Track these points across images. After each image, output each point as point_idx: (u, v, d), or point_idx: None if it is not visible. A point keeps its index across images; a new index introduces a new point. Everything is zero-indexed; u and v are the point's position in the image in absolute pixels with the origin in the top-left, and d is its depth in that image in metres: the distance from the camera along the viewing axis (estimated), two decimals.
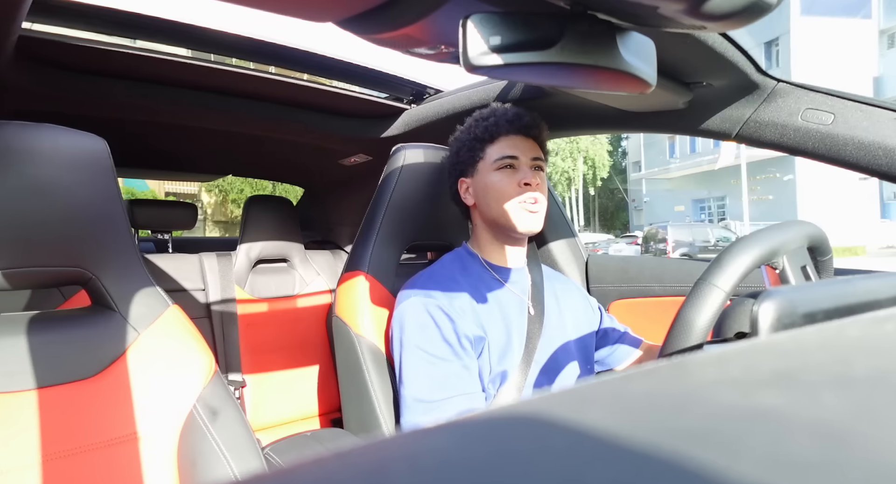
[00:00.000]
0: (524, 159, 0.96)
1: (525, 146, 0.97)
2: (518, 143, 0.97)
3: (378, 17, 0.55)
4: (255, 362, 1.64)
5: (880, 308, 0.36)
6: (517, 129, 0.97)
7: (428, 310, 0.90)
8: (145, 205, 1.79)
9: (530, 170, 0.96)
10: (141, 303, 0.77)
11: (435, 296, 0.92)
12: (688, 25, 0.46)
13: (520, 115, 0.98)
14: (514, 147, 0.96)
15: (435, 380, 0.86)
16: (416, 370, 0.88)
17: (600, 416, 0.15)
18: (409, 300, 0.93)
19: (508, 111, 0.99)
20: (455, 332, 0.88)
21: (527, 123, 0.98)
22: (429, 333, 0.89)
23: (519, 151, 0.96)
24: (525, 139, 0.97)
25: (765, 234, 0.56)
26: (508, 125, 0.97)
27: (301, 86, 1.30)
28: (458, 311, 0.90)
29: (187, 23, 1.05)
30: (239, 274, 1.68)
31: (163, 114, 1.35)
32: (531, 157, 0.97)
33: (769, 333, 0.34)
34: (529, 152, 0.97)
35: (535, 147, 0.99)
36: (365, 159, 1.82)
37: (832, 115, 0.83)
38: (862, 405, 0.15)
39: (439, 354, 0.88)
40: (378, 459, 0.13)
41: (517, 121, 0.97)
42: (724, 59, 0.80)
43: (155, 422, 0.71)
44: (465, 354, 0.88)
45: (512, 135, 0.97)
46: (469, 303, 0.92)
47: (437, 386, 0.86)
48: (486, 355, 0.91)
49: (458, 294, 0.93)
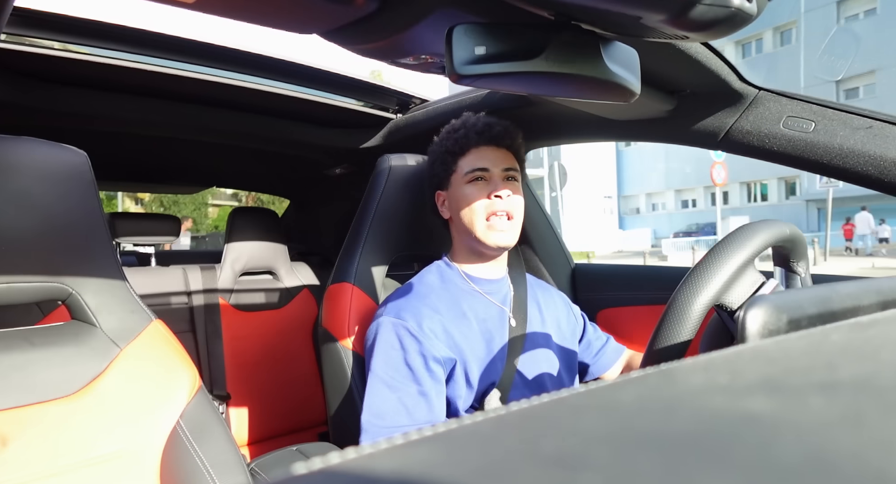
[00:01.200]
0: (495, 171, 0.95)
1: (496, 157, 0.96)
2: (489, 154, 0.96)
3: (362, 28, 0.55)
4: (240, 376, 1.62)
5: (862, 314, 0.36)
6: (487, 140, 0.96)
7: (396, 331, 0.90)
8: (127, 218, 1.76)
9: (502, 181, 0.95)
10: (122, 318, 0.75)
11: (406, 317, 0.91)
12: (670, 35, 0.47)
13: (490, 125, 0.97)
14: (485, 158, 0.95)
15: (388, 405, 0.86)
16: (373, 392, 0.88)
17: (591, 423, 0.15)
18: (381, 319, 0.93)
19: (478, 122, 0.98)
20: (421, 353, 0.88)
21: (497, 133, 0.97)
22: (392, 356, 0.89)
23: (489, 163, 0.95)
24: (497, 149, 0.97)
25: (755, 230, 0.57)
26: (478, 137, 0.96)
27: (284, 96, 1.30)
28: (427, 332, 0.89)
29: (169, 34, 1.04)
30: (224, 286, 1.66)
31: (145, 126, 1.34)
32: (502, 167, 0.95)
33: (756, 339, 0.34)
34: (501, 163, 0.96)
35: (508, 157, 0.98)
36: (350, 169, 1.81)
37: (813, 123, 0.84)
38: (847, 410, 0.15)
39: (397, 378, 0.88)
40: (366, 473, 0.13)
41: (487, 131, 0.96)
42: (706, 67, 0.81)
43: (137, 440, 0.69)
44: (428, 377, 0.88)
45: (483, 146, 0.96)
46: (442, 323, 0.92)
47: (389, 411, 0.86)
48: (461, 374, 0.91)
49: (432, 313, 0.92)
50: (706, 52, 0.80)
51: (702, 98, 0.92)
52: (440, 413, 0.89)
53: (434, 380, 0.88)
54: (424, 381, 0.87)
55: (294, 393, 1.70)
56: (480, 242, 0.95)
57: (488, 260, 1.00)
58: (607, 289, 1.38)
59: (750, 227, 0.59)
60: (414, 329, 0.89)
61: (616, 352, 1.12)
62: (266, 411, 1.64)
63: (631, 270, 1.41)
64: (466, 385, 0.91)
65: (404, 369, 0.88)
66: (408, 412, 0.86)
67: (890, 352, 0.23)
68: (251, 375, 1.64)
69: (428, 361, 0.88)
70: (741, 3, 0.41)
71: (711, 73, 0.83)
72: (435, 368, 0.88)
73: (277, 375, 1.68)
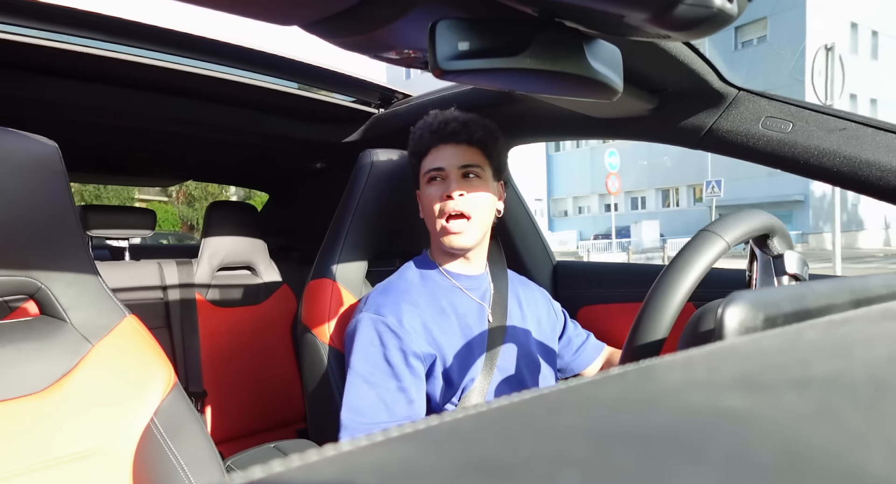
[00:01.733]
0: (451, 169, 0.94)
1: (453, 154, 0.94)
2: (445, 152, 0.95)
3: (345, 20, 0.54)
4: (217, 373, 1.60)
5: (836, 312, 0.37)
6: (441, 139, 0.95)
7: (375, 327, 0.90)
8: (99, 210, 1.72)
9: (458, 179, 0.93)
10: (94, 313, 0.73)
11: (385, 313, 0.91)
12: (653, 34, 0.47)
13: (445, 122, 0.96)
14: (441, 158, 0.95)
15: (367, 401, 0.86)
16: (352, 389, 0.88)
17: (570, 420, 0.15)
18: (361, 315, 0.93)
19: (435, 121, 0.97)
20: (400, 349, 0.88)
21: (451, 130, 0.95)
22: (371, 352, 0.89)
23: (444, 162, 0.94)
24: (455, 147, 0.95)
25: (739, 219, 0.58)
26: (431, 136, 0.96)
27: (264, 88, 1.28)
28: (407, 328, 0.89)
29: (143, 22, 1.02)
30: (200, 281, 1.63)
31: (118, 116, 1.31)
32: (459, 164, 0.94)
33: (733, 336, 0.34)
34: (457, 160, 0.94)
35: (469, 153, 0.95)
36: (331, 164, 1.80)
37: (791, 124, 0.86)
38: (820, 406, 0.15)
39: (378, 374, 0.87)
40: (345, 470, 0.12)
41: (441, 130, 0.95)
42: (688, 67, 0.82)
43: (109, 437, 0.68)
44: (408, 373, 0.88)
45: (440, 145, 0.95)
46: (422, 318, 0.92)
47: (368, 407, 0.86)
48: (441, 370, 0.91)
49: (412, 309, 0.92)
50: (688, 51, 0.81)
51: (683, 97, 0.93)
52: (420, 409, 0.89)
53: (414, 376, 0.88)
54: (404, 377, 0.87)
55: (272, 390, 1.69)
56: (441, 243, 0.95)
57: (455, 258, 1.00)
58: (589, 286, 1.39)
59: (724, 218, 0.59)
60: (394, 325, 0.89)
61: (596, 349, 1.13)
62: (243, 408, 1.62)
63: (613, 268, 1.42)
64: (446, 380, 0.91)
65: (384, 365, 0.88)
66: (387, 408, 0.86)
67: (861, 349, 0.23)
68: (228, 371, 1.62)
69: (408, 357, 0.88)
70: (722, 3, 0.41)
71: (693, 72, 0.84)
72: (415, 364, 0.88)
73: (255, 372, 1.67)
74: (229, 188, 17.66)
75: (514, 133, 1.23)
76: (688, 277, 0.53)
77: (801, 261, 0.66)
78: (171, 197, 15.54)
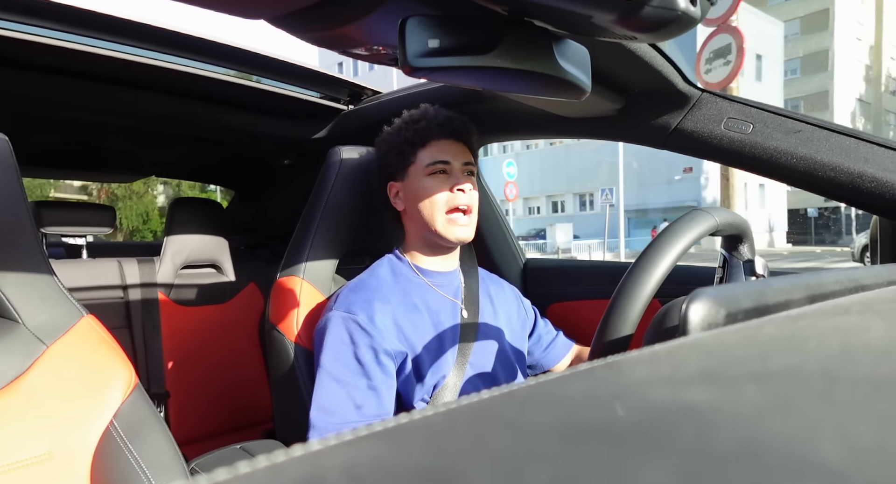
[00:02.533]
0: (456, 164, 0.95)
1: (457, 150, 0.96)
2: (449, 147, 0.96)
3: (312, 15, 0.54)
4: (180, 373, 1.56)
5: (793, 307, 0.38)
6: (448, 133, 0.97)
7: (346, 326, 0.89)
8: (54, 206, 1.65)
9: (462, 175, 0.95)
10: (49, 313, 0.71)
11: (356, 311, 0.90)
12: (620, 35, 0.48)
13: (451, 118, 0.98)
14: (446, 152, 0.96)
15: (337, 400, 0.86)
16: (322, 388, 0.87)
17: (539, 416, 0.15)
18: (331, 314, 0.92)
19: (440, 114, 0.98)
20: (371, 347, 0.88)
21: (457, 127, 0.97)
22: (342, 350, 0.88)
23: (451, 156, 0.95)
24: (456, 143, 0.97)
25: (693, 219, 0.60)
26: (440, 129, 0.96)
27: (229, 83, 1.25)
28: (379, 326, 0.89)
29: (101, 12, 0.98)
30: (163, 280, 1.59)
31: (73, 109, 1.26)
32: (463, 161, 0.96)
33: (696, 332, 0.35)
34: (461, 157, 0.96)
35: (467, 151, 0.98)
36: (299, 160, 1.77)
37: (751, 125, 0.89)
38: (777, 398, 0.16)
39: (347, 372, 0.87)
40: (313, 470, 0.12)
41: (448, 125, 0.97)
42: (654, 68, 0.84)
43: (66, 441, 0.65)
44: (378, 371, 0.87)
45: (443, 139, 0.96)
46: (393, 316, 0.91)
47: (338, 406, 0.85)
48: (412, 367, 0.91)
49: (383, 306, 0.91)
50: (654, 53, 0.83)
51: (649, 98, 0.95)
52: (390, 408, 0.88)
53: (384, 374, 0.88)
54: (375, 375, 0.87)
55: (238, 390, 1.66)
56: (439, 236, 0.95)
57: (442, 253, 1.00)
58: (558, 284, 1.41)
59: (683, 218, 0.61)
60: (364, 323, 0.88)
61: (565, 346, 1.15)
62: (209, 409, 1.59)
63: (581, 266, 1.44)
64: (418, 377, 0.91)
65: (354, 364, 0.87)
66: (357, 407, 0.85)
67: (816, 343, 0.24)
68: (193, 371, 1.59)
69: (378, 355, 0.87)
70: (686, 6, 0.42)
71: (658, 73, 0.86)
72: (385, 362, 0.88)
73: (221, 372, 1.63)
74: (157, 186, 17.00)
75: (484, 131, 1.23)
76: (653, 274, 0.54)
77: (765, 265, 0.68)
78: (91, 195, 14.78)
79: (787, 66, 30.48)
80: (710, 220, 0.61)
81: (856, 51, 32.80)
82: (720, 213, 0.64)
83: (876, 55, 34.98)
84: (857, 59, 32.82)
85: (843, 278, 0.48)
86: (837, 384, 0.17)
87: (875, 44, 34.97)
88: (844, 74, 31.39)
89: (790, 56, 30.47)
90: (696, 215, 0.61)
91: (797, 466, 0.11)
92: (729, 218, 0.64)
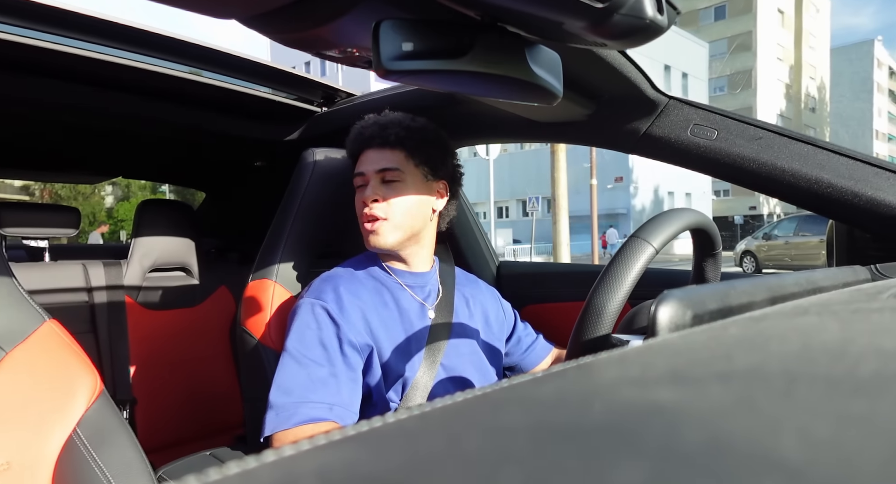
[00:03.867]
0: (370, 174, 0.95)
1: (373, 159, 0.96)
2: (368, 157, 0.97)
3: (285, 16, 0.53)
4: (148, 379, 1.52)
5: (755, 309, 0.40)
6: (362, 145, 0.97)
7: (314, 310, 0.89)
8: (15, 208, 1.59)
9: (378, 184, 0.94)
10: (8, 318, 0.68)
11: (326, 298, 0.90)
12: (590, 42, 0.49)
13: (365, 127, 0.98)
14: (362, 163, 0.97)
15: (296, 380, 0.84)
16: (283, 369, 0.86)
17: (512, 418, 0.15)
18: (302, 301, 0.92)
19: (359, 126, 0.99)
20: (337, 336, 0.88)
21: (370, 135, 0.96)
22: (307, 334, 0.88)
23: (365, 167, 0.96)
24: (378, 150, 0.96)
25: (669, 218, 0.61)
26: (356, 144, 0.98)
27: (199, 83, 1.23)
28: (346, 316, 0.89)
29: (65, 8, 0.95)
30: (130, 284, 1.55)
31: (36, 108, 1.22)
32: (376, 169, 0.95)
33: (664, 333, 0.36)
34: (375, 165, 0.95)
35: (389, 156, 0.95)
36: (271, 162, 1.75)
37: (716, 131, 0.91)
38: (740, 397, 0.16)
39: (309, 356, 0.86)
40: (285, 476, 0.12)
41: (360, 135, 0.98)
42: (623, 75, 0.86)
43: (24, 451, 0.63)
44: (341, 361, 0.87)
45: (366, 150, 0.97)
46: (362, 309, 0.91)
47: (298, 386, 0.84)
48: (377, 362, 0.91)
49: (353, 299, 0.91)
50: (623, 60, 0.84)
51: (618, 104, 0.97)
52: (350, 400, 0.87)
53: (347, 366, 0.87)
54: (337, 363, 0.86)
55: (208, 395, 1.62)
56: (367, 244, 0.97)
57: (392, 260, 1.00)
58: (531, 286, 1.42)
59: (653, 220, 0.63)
60: (333, 311, 0.89)
61: (545, 349, 1.16)
62: (178, 415, 1.55)
63: (554, 268, 1.46)
64: (385, 375, 0.91)
65: (318, 348, 0.87)
66: (316, 390, 0.84)
67: (777, 343, 0.25)
68: (161, 377, 1.55)
69: (343, 345, 0.87)
70: (654, 15, 0.44)
71: (627, 80, 0.88)
72: (350, 354, 0.87)
73: (190, 377, 1.60)
74: (105, 187, 16.27)
75: (458, 135, 1.24)
76: (626, 278, 0.55)
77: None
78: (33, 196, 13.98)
79: (715, 83, 33.16)
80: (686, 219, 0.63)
81: (776, 70, 35.95)
82: (691, 214, 0.65)
83: (796, 75, 38.19)
84: (777, 79, 35.92)
85: (802, 280, 0.50)
86: (797, 383, 0.17)
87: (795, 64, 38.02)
88: (766, 92, 34.24)
89: (719, 74, 32.87)
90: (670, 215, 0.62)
91: (759, 462, 0.11)
92: (698, 217, 0.66)
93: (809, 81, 39.37)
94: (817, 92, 40.94)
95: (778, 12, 35.44)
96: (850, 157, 0.84)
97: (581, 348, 0.55)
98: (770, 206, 32.45)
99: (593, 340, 0.54)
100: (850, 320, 0.30)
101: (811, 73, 39.58)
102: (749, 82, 32.96)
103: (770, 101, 34.44)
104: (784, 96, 36.73)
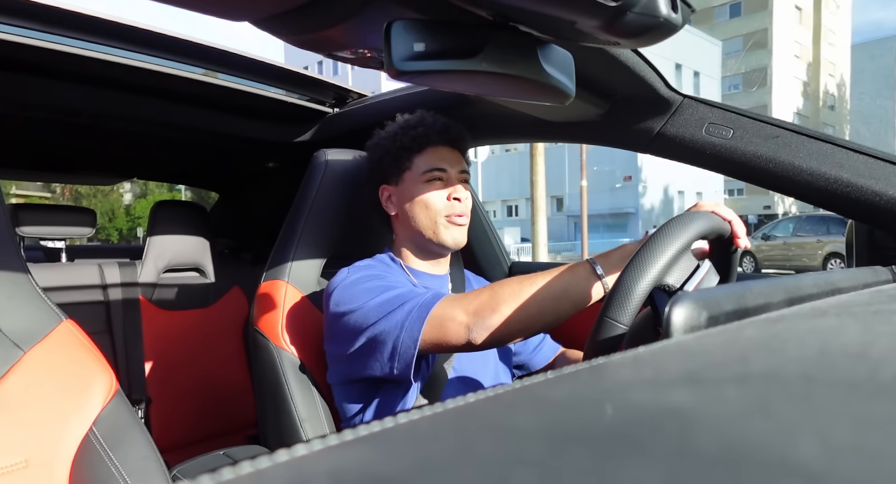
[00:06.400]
0: (453, 172, 0.95)
1: (453, 158, 0.97)
2: (447, 155, 0.96)
3: (297, 18, 0.53)
4: (162, 378, 1.54)
5: (772, 310, 0.39)
6: (446, 141, 0.97)
7: (368, 272, 0.89)
8: (32, 209, 1.62)
9: (458, 183, 0.96)
10: (26, 318, 0.69)
11: (372, 266, 0.92)
12: (603, 41, 0.48)
13: (448, 126, 0.98)
14: (444, 159, 0.96)
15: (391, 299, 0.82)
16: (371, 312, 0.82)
17: (525, 420, 0.15)
18: (343, 274, 0.90)
19: (437, 121, 0.98)
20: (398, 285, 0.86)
21: (455, 135, 0.98)
22: (370, 286, 0.86)
23: (448, 164, 0.96)
24: (452, 151, 0.97)
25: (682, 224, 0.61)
26: (438, 136, 0.96)
27: (213, 85, 1.24)
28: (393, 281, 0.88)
29: (83, 12, 0.96)
30: (145, 284, 1.56)
31: (56, 111, 1.24)
32: (459, 169, 0.96)
33: (679, 334, 0.36)
34: (457, 165, 0.97)
35: (462, 160, 0.99)
36: (283, 163, 1.76)
37: (731, 130, 0.90)
38: (757, 401, 0.16)
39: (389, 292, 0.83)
40: (298, 476, 0.12)
41: (446, 132, 0.97)
42: (636, 74, 0.85)
43: (44, 449, 0.64)
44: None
45: (440, 146, 0.96)
46: None
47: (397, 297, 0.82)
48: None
49: (391, 277, 0.91)
50: (636, 58, 0.84)
51: (632, 103, 0.96)
52: None
53: None
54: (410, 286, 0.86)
55: (221, 395, 1.64)
56: (434, 242, 0.95)
57: (432, 258, 1.00)
58: None
59: (683, 217, 0.62)
60: (384, 277, 0.88)
61: (552, 349, 1.16)
62: (191, 415, 1.57)
63: None
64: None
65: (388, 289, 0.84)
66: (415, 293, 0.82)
67: (795, 345, 0.24)
68: (175, 376, 1.56)
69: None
70: (668, 13, 0.43)
71: (641, 79, 0.87)
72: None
73: (204, 377, 1.61)
74: (123, 184, 16.48)
75: (470, 135, 1.24)
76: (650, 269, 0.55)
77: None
78: (54, 193, 14.11)
79: (730, 81, 33.03)
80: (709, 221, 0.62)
81: (794, 68, 35.54)
82: (712, 216, 0.65)
83: (814, 72, 37.87)
84: (794, 76, 35.55)
85: (821, 281, 0.49)
86: (815, 386, 0.17)
87: (813, 61, 37.54)
88: (783, 90, 33.86)
89: (734, 72, 32.80)
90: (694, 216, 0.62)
91: (776, 469, 0.11)
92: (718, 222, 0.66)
93: (828, 79, 38.80)
94: (837, 89, 40.34)
95: (795, 9, 34.99)
96: (871, 155, 0.82)
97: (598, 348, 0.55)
98: (785, 206, 32.09)
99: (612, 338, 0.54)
100: (870, 322, 0.30)
101: (830, 70, 38.99)
102: (764, 80, 32.66)
103: (787, 98, 34.04)
104: (801, 94, 36.25)
